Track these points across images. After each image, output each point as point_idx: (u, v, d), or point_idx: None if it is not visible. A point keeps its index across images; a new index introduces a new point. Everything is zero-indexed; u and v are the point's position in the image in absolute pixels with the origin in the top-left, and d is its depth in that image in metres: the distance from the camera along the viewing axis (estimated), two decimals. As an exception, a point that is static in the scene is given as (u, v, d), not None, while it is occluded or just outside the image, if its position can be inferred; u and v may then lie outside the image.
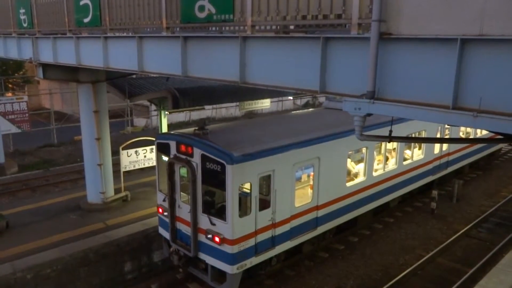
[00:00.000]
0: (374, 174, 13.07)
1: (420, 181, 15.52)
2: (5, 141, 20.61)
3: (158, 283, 11.26)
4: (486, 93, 4.19)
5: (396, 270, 11.71)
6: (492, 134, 14.05)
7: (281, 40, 6.25)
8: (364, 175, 12.73)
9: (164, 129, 15.78)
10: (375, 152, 13.10)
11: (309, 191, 11.27)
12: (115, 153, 14.63)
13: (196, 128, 10.51)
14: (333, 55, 5.57)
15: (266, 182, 10.07)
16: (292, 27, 6.32)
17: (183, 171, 10.36)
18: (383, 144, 13.26)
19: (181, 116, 30.36)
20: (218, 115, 33.36)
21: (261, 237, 9.93)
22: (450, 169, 17.22)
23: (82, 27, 10.08)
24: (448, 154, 16.74)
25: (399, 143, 13.54)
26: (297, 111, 19.24)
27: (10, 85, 32.35)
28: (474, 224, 14.48)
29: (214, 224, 9.63)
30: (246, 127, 12.50)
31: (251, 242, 9.71)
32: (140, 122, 31.17)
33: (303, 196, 11.12)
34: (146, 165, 14.82)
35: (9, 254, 10.72)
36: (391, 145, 13.92)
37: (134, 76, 15.18)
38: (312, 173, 11.19)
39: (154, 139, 11.76)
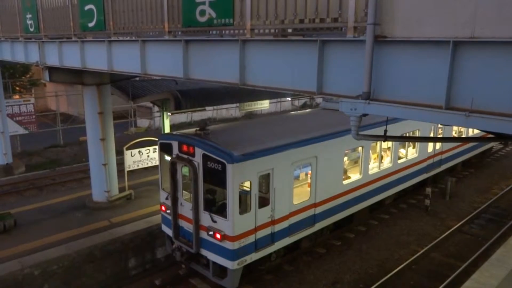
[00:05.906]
0: (370, 172, 13.30)
1: (414, 179, 15.73)
2: (12, 142, 20.69)
3: (161, 279, 11.45)
4: (477, 94, 4.28)
5: (391, 264, 11.92)
6: (484, 133, 14.43)
7: (279, 43, 6.38)
8: (360, 173, 12.95)
9: (167, 129, 15.86)
10: (370, 151, 13.35)
11: (307, 189, 11.44)
12: (119, 153, 14.75)
13: (198, 128, 10.66)
14: (329, 58, 5.64)
15: (265, 181, 10.25)
16: (290, 30, 6.40)
17: (185, 170, 10.52)
18: (379, 143, 13.47)
19: (183, 117, 30.44)
20: (218, 116, 33.39)
21: (261, 233, 10.10)
22: (443, 167, 17.45)
23: (87, 31, 10.22)
24: (441, 152, 16.97)
25: (394, 142, 13.75)
26: (295, 112, 19.26)
27: (17, 88, 32.46)
28: (467, 220, 14.71)
29: (215, 221, 9.81)
30: (246, 127, 12.67)
31: (251, 239, 9.89)
32: (143, 123, 31.19)
33: (301, 194, 11.29)
34: (149, 164, 15.02)
35: (17, 251, 10.89)
36: (386, 144, 14.09)
37: (137, 78, 15.31)
38: (310, 172, 11.39)
39: (157, 139, 11.90)
